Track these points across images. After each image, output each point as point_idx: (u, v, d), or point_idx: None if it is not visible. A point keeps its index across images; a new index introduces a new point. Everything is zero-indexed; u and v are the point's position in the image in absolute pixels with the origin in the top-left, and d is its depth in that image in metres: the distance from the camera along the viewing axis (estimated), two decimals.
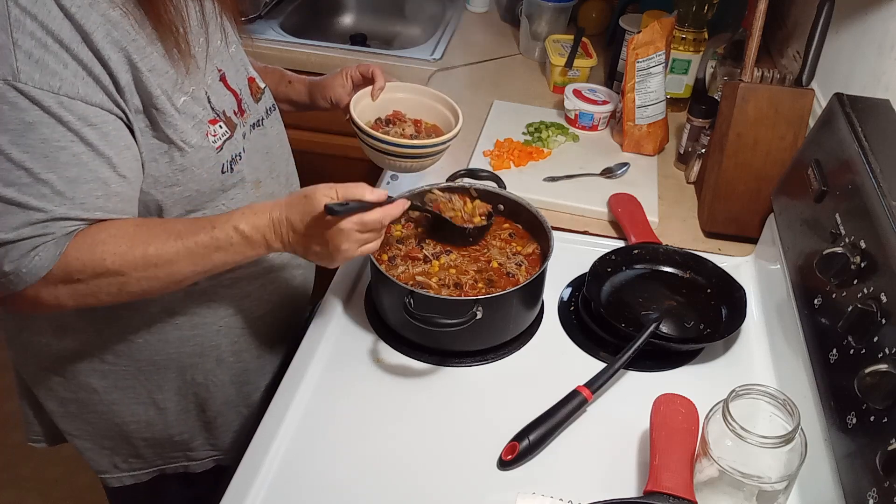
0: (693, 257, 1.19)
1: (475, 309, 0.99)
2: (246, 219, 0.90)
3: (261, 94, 1.09)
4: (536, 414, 0.96)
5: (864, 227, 0.89)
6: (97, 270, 0.86)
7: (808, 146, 1.14)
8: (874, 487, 0.74)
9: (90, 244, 0.85)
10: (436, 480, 0.91)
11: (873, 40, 1.21)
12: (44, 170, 0.80)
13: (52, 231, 0.82)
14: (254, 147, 1.05)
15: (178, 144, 0.91)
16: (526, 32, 1.89)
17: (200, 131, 0.93)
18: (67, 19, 0.78)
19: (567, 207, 1.37)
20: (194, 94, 0.93)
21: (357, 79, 1.22)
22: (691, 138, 1.47)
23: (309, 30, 2.08)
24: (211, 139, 0.95)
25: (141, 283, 0.89)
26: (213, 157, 0.95)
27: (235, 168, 1.00)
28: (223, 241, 0.90)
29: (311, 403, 0.99)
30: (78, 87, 0.80)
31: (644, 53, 1.46)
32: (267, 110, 1.11)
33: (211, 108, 0.96)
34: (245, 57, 1.09)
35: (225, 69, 1.01)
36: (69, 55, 0.79)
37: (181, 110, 0.90)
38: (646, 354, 1.05)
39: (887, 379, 0.76)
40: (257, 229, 0.90)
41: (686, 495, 0.82)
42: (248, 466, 0.91)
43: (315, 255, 0.93)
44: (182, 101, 0.91)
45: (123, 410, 1.11)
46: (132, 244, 0.86)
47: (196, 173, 0.94)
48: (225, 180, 0.98)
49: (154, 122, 0.88)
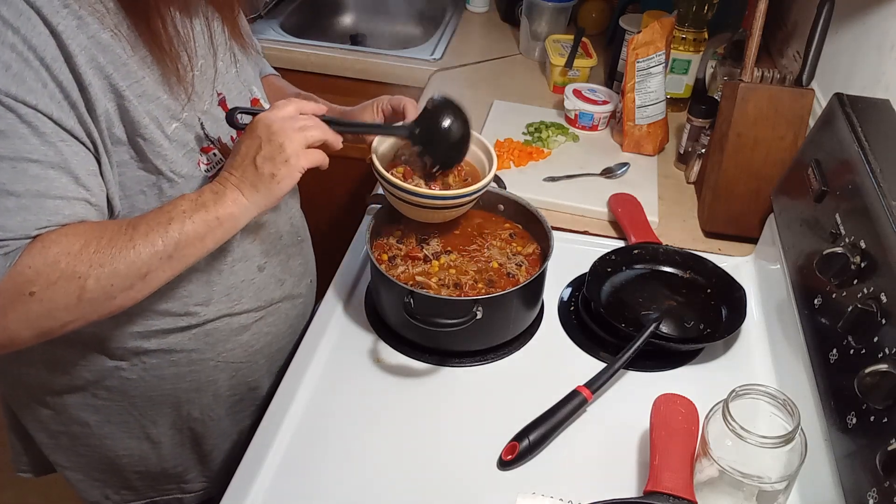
0: (693, 257, 1.19)
1: (475, 309, 0.99)
2: (208, 187, 0.87)
3: None
4: (536, 414, 0.96)
5: (864, 227, 0.89)
6: (51, 276, 0.78)
7: (808, 146, 1.14)
8: (874, 487, 0.74)
9: (41, 248, 0.78)
10: (436, 480, 0.91)
11: (873, 40, 1.21)
12: (10, 183, 0.75)
13: (5, 247, 0.76)
14: None
15: (167, 175, 0.88)
16: (526, 32, 1.89)
17: (192, 160, 0.90)
18: (53, 37, 0.75)
19: (567, 207, 1.37)
20: (187, 121, 0.90)
21: (388, 112, 1.10)
22: (691, 138, 1.47)
23: (309, 30, 2.08)
24: (203, 167, 0.92)
25: (100, 282, 0.80)
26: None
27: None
28: (175, 211, 0.84)
29: (311, 403, 0.99)
30: (53, 110, 0.76)
31: (644, 53, 1.46)
32: None
33: (205, 135, 0.93)
34: (251, 75, 1.05)
35: (226, 93, 0.98)
36: (48, 74, 0.75)
37: (171, 138, 0.87)
38: (646, 354, 1.05)
39: (887, 379, 0.76)
40: (203, 189, 0.87)
41: (686, 495, 0.82)
42: (249, 466, 0.91)
43: (268, 163, 0.86)
44: (173, 127, 0.88)
45: (116, 444, 1.08)
46: (86, 240, 0.80)
47: None
48: None
49: (141, 152, 0.85)
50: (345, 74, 1.83)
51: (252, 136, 0.87)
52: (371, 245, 1.08)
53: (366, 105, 1.12)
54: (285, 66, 1.82)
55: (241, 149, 0.88)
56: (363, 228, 1.28)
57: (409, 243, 1.11)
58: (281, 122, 0.87)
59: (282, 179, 0.87)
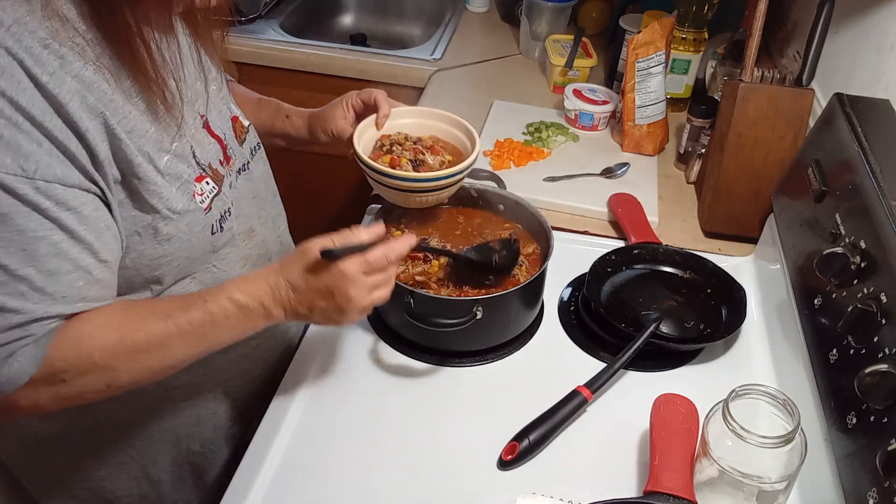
0: (693, 257, 1.19)
1: (475, 309, 0.99)
2: (240, 287, 0.83)
3: (245, 133, 1.01)
4: (536, 414, 0.96)
5: (864, 227, 0.89)
6: (84, 368, 0.77)
7: (808, 146, 1.14)
8: (874, 487, 0.74)
9: (75, 340, 0.76)
10: (436, 480, 0.91)
11: (873, 40, 1.21)
12: (21, 265, 0.71)
13: (31, 333, 0.74)
14: (241, 194, 0.98)
15: (164, 213, 0.82)
16: (526, 32, 1.89)
17: (187, 193, 0.85)
18: (38, 90, 0.70)
19: (567, 207, 1.37)
20: (177, 151, 0.84)
21: (359, 107, 1.09)
22: (691, 138, 1.47)
23: (309, 30, 2.08)
24: (198, 199, 0.87)
25: (132, 375, 0.80)
26: (201, 220, 0.87)
27: (225, 226, 0.92)
28: (218, 314, 0.81)
29: (310, 403, 0.99)
30: (55, 169, 0.71)
31: (644, 53, 1.46)
32: (252, 150, 1.03)
33: (196, 164, 0.88)
34: (228, 93, 1.01)
35: (207, 113, 0.92)
36: (42, 133, 0.70)
37: (165, 172, 0.82)
38: (646, 354, 1.05)
39: (887, 379, 0.76)
40: (254, 297, 0.83)
41: (686, 495, 0.82)
42: (249, 466, 0.91)
43: (322, 314, 0.85)
44: (165, 160, 0.82)
45: (114, 486, 1.04)
46: (121, 334, 0.78)
47: (184, 240, 0.86)
48: (215, 241, 0.91)
49: (134, 192, 0.80)
50: (345, 74, 1.83)
51: (323, 281, 0.83)
52: None
53: (336, 103, 1.10)
54: (285, 66, 1.83)
55: (310, 283, 0.83)
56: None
57: None
58: (359, 290, 0.83)
59: (325, 321, 0.87)
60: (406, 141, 1.09)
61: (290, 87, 1.84)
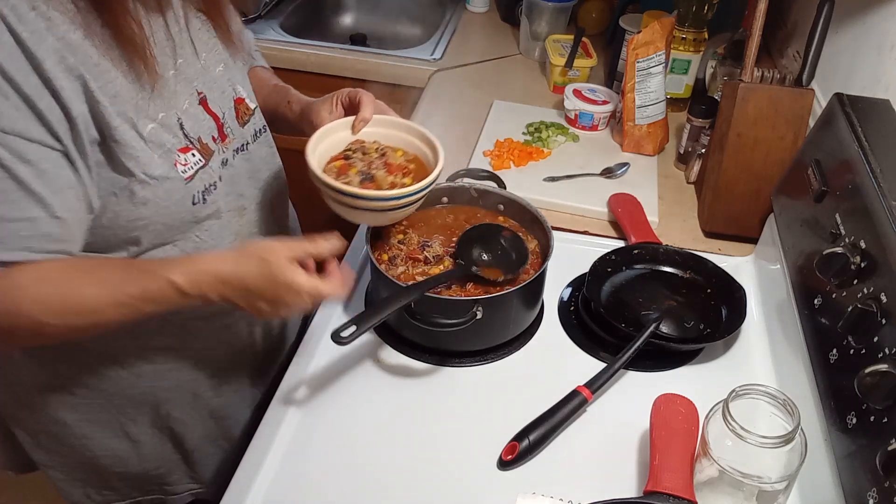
0: (693, 257, 1.19)
1: (475, 309, 0.99)
2: (184, 271, 0.83)
3: (249, 115, 1.04)
4: (536, 414, 0.96)
5: (864, 227, 0.89)
6: (11, 314, 0.80)
7: (808, 146, 1.14)
8: (874, 487, 0.74)
9: (9, 287, 0.79)
10: (436, 480, 0.91)
11: (873, 40, 1.21)
12: None
13: None
14: (237, 173, 1.01)
15: (140, 177, 0.85)
16: (526, 32, 1.89)
17: (168, 161, 0.88)
18: (18, 46, 0.73)
19: (567, 207, 1.37)
20: (164, 121, 0.88)
21: (346, 105, 1.08)
22: (691, 138, 1.47)
23: (309, 30, 2.08)
24: (180, 168, 0.89)
25: (59, 331, 0.84)
26: (181, 189, 0.90)
27: (209, 199, 0.94)
28: (155, 293, 0.83)
29: (310, 403, 0.99)
30: (17, 122, 0.75)
31: (644, 53, 1.46)
32: (256, 133, 1.06)
33: (184, 135, 0.91)
34: (238, 75, 1.03)
35: (206, 91, 0.96)
36: (12, 87, 0.74)
37: (148, 138, 0.85)
38: (646, 354, 1.05)
39: (887, 379, 0.76)
40: (196, 285, 0.83)
41: (686, 495, 0.82)
42: (248, 465, 0.91)
43: (255, 310, 0.87)
44: (150, 128, 0.86)
45: (95, 444, 1.07)
46: (55, 291, 0.81)
47: (162, 206, 0.88)
48: (197, 212, 0.93)
49: (112, 154, 0.83)
50: (345, 74, 1.83)
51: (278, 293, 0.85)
52: (371, 245, 1.08)
53: (326, 98, 1.09)
54: (285, 66, 1.83)
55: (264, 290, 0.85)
56: (363, 228, 1.28)
57: (410, 244, 1.11)
58: (305, 302, 0.86)
59: (254, 314, 0.88)
60: (374, 153, 1.03)
61: None
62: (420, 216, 1.15)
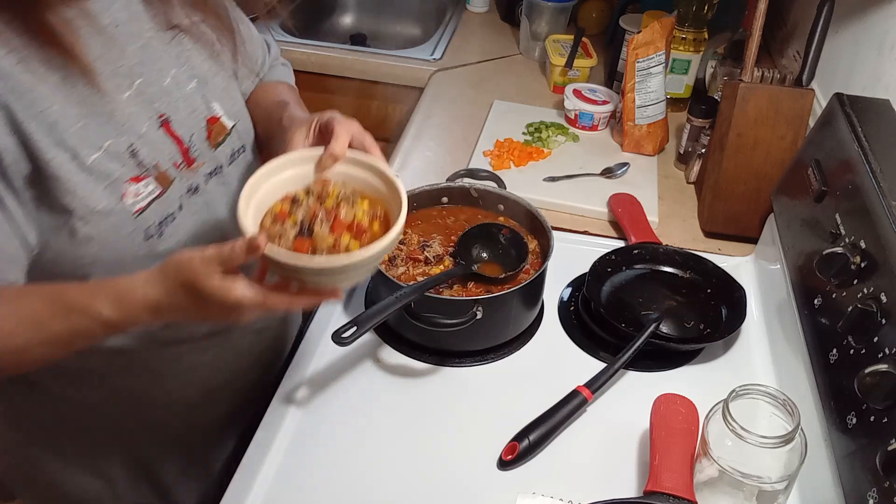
0: (693, 257, 1.19)
1: (475, 309, 0.99)
2: (113, 302, 0.74)
3: (224, 135, 0.94)
4: (536, 414, 0.96)
5: (864, 227, 0.89)
6: None
7: (808, 146, 1.14)
8: (874, 487, 0.74)
9: None
10: (436, 480, 0.91)
11: (873, 40, 1.21)
12: None
13: None
14: (211, 199, 0.93)
15: (80, 213, 0.77)
16: (526, 32, 1.89)
17: (114, 192, 0.80)
18: None
19: (567, 207, 1.37)
20: (113, 149, 0.80)
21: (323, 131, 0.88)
22: (691, 138, 1.47)
23: (309, 30, 2.08)
24: (129, 201, 0.81)
25: None
26: (129, 223, 0.82)
27: (166, 232, 0.86)
28: (84, 331, 0.75)
29: (310, 403, 0.99)
30: None
31: (644, 53, 1.46)
32: (233, 153, 0.96)
33: (137, 163, 0.82)
34: (216, 91, 0.93)
35: (170, 112, 0.87)
36: None
37: (91, 169, 0.77)
38: (646, 354, 1.05)
39: (887, 379, 0.76)
40: (127, 316, 0.75)
41: (686, 495, 0.82)
42: (249, 465, 0.91)
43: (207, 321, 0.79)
44: (94, 157, 0.78)
45: (68, 482, 1.03)
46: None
47: (109, 243, 0.81)
48: (152, 247, 0.85)
49: (46, 190, 0.75)
50: (345, 74, 1.83)
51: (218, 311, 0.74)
52: None
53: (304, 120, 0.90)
54: None
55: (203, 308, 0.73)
56: None
57: (410, 244, 1.11)
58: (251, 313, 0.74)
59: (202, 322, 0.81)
60: (333, 199, 0.81)
61: None
62: (420, 216, 1.15)
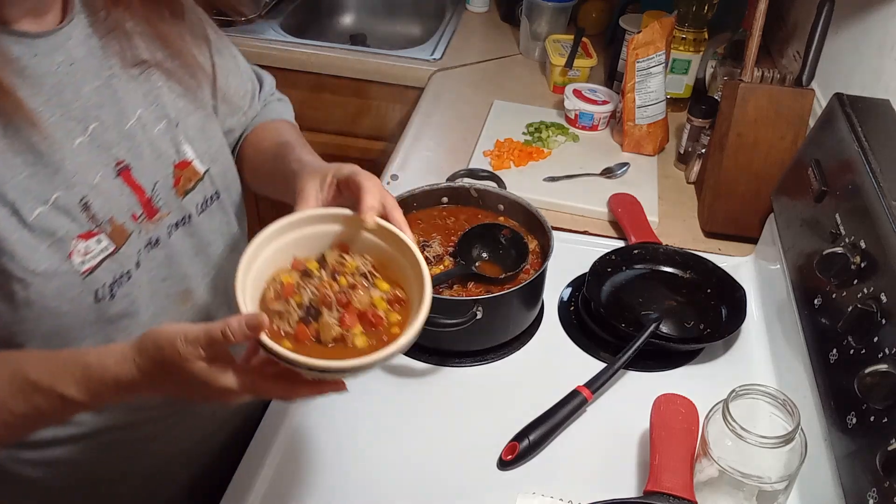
0: (693, 257, 1.19)
1: (475, 309, 0.99)
2: (79, 381, 0.67)
3: (195, 181, 0.86)
4: (536, 414, 0.96)
5: (864, 227, 0.89)
6: None
7: (808, 146, 1.14)
8: (874, 487, 0.74)
9: None
10: (436, 480, 0.91)
11: (873, 40, 1.21)
12: None
13: None
14: (175, 252, 0.85)
15: (18, 275, 0.69)
16: (526, 32, 1.89)
17: (60, 251, 0.72)
18: None
19: (567, 207, 1.37)
20: (60, 202, 0.72)
21: (343, 187, 0.77)
22: (691, 138, 1.47)
23: (309, 30, 2.08)
24: (77, 260, 0.73)
25: None
26: (77, 284, 0.74)
27: (118, 293, 0.78)
28: (48, 410, 0.69)
29: (310, 403, 0.99)
30: None
31: (644, 53, 1.46)
32: (205, 201, 0.88)
33: (89, 217, 0.74)
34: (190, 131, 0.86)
35: (131, 159, 0.79)
36: None
37: (34, 226, 0.70)
38: (646, 354, 1.05)
39: (887, 379, 0.76)
40: (97, 397, 0.68)
41: (686, 495, 0.82)
42: (249, 465, 0.91)
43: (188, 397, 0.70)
44: (38, 212, 0.70)
45: None
46: None
47: (51, 308, 0.73)
48: (103, 310, 0.77)
49: None
50: (345, 74, 1.83)
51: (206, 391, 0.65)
52: None
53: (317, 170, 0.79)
54: (285, 66, 1.82)
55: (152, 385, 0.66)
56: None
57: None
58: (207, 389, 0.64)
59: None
60: (347, 279, 0.72)
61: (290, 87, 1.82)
62: (420, 216, 1.15)
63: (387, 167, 1.46)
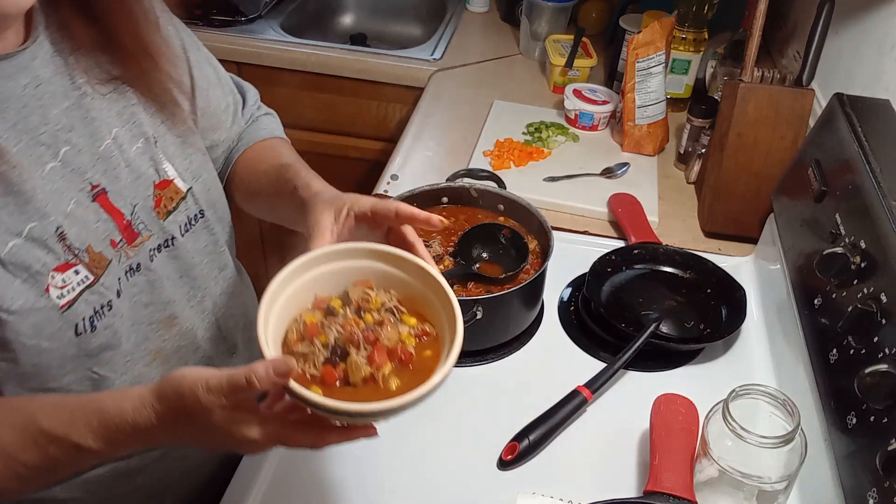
0: (693, 257, 1.19)
1: (475, 309, 0.99)
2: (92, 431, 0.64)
3: (178, 201, 0.82)
4: (536, 414, 0.96)
5: (864, 227, 0.89)
6: None
7: (808, 146, 1.14)
8: (874, 487, 0.74)
9: None
10: (436, 480, 0.91)
11: (873, 40, 1.21)
12: None
13: None
14: (158, 277, 0.81)
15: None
16: (526, 32, 1.89)
17: (36, 286, 0.68)
18: None
19: (567, 207, 1.37)
20: (34, 234, 0.68)
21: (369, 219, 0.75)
22: (691, 138, 1.47)
23: (309, 30, 2.08)
24: (54, 294, 0.69)
25: None
26: (55, 319, 0.70)
27: (99, 325, 0.73)
28: (62, 459, 0.66)
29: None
30: None
31: (644, 53, 1.46)
32: (188, 221, 0.84)
33: (65, 247, 0.70)
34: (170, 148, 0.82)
35: (107, 182, 0.75)
36: None
37: (7, 261, 0.66)
38: (646, 354, 1.05)
39: (887, 379, 0.76)
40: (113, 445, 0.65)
41: (686, 495, 0.82)
42: (249, 465, 0.91)
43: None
44: (11, 246, 0.66)
45: None
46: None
47: (30, 346, 0.69)
48: (84, 343, 0.73)
49: None
50: (345, 74, 1.83)
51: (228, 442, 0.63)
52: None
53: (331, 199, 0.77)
54: (285, 66, 1.83)
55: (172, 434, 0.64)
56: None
57: None
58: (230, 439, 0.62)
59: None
60: (374, 315, 0.69)
61: (290, 87, 1.84)
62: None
63: (387, 167, 1.46)
